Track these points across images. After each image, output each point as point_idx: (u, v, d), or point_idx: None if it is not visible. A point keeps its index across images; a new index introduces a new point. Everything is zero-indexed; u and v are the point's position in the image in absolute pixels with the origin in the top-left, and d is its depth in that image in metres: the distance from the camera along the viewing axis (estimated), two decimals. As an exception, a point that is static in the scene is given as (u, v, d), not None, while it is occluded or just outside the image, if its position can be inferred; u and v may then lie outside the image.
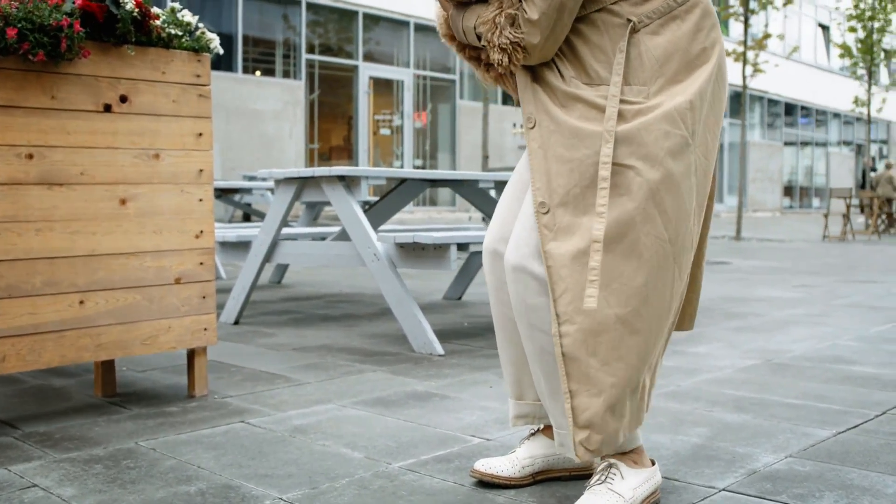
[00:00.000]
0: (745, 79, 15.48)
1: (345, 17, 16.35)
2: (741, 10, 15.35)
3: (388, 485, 2.05)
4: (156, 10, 2.73)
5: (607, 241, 1.73)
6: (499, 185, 5.09)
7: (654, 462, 1.96)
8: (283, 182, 4.43)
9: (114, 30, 2.60)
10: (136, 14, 2.62)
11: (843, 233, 15.02)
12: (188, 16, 2.79)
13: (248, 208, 8.91)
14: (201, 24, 2.88)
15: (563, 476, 2.09)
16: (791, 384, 3.13)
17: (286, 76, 15.43)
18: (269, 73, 15.29)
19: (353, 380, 3.21)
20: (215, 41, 2.87)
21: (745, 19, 15.28)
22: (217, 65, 13.82)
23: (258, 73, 15.09)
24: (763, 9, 15.67)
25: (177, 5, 2.81)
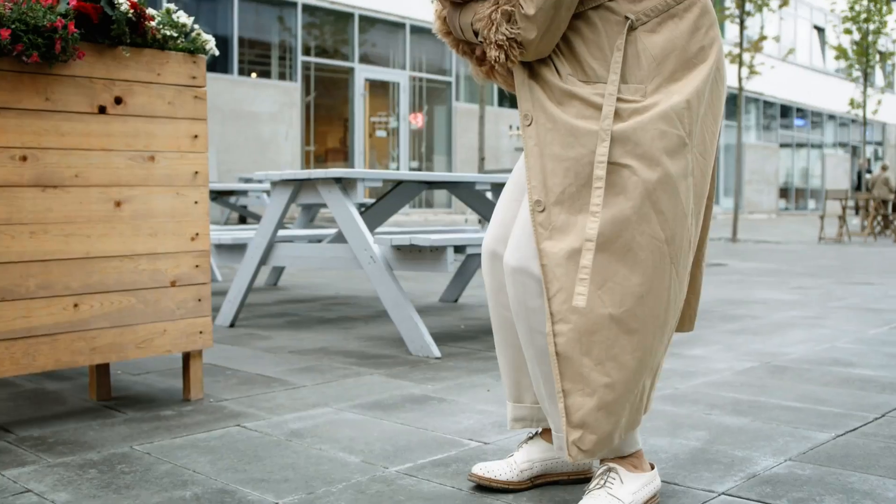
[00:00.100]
0: (740, 81, 15.50)
1: (341, 19, 16.34)
2: (737, 12, 15.37)
3: (385, 489, 2.03)
4: (151, 11, 2.71)
5: (602, 240, 1.72)
6: (495, 187, 5.08)
7: (653, 466, 1.95)
8: (279, 184, 4.42)
9: (108, 31, 2.58)
10: (130, 15, 2.60)
11: (839, 234, 15.04)
12: (183, 17, 2.78)
13: (244, 210, 8.90)
14: (197, 26, 2.86)
15: (561, 480, 2.07)
16: (790, 387, 3.12)
17: (282, 78, 15.42)
18: (264, 75, 15.27)
19: (349, 383, 3.20)
20: (211, 42, 2.85)
21: (741, 21, 15.30)
22: (213, 67, 13.80)
23: (254, 75, 15.07)
24: (759, 11, 15.69)
25: (172, 6, 2.79)
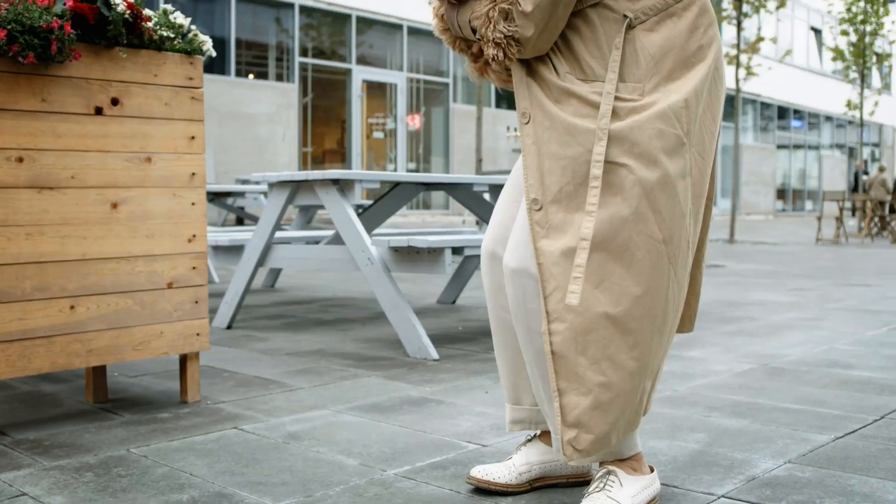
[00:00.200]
0: (738, 82, 15.50)
1: (338, 21, 16.33)
2: (734, 14, 15.37)
3: (383, 492, 2.02)
4: (148, 12, 2.70)
5: (599, 239, 1.72)
6: (493, 188, 5.07)
7: (652, 469, 1.94)
8: (276, 186, 4.40)
9: (105, 32, 2.57)
10: (127, 16, 2.59)
11: (837, 236, 15.05)
12: (180, 18, 2.77)
13: (241, 212, 8.88)
14: (193, 27, 2.85)
15: (560, 483, 2.06)
16: (788, 389, 3.12)
17: (279, 79, 15.41)
18: (262, 76, 15.26)
19: (347, 385, 3.19)
20: (208, 43, 2.84)
21: (738, 23, 15.30)
22: (210, 68, 13.79)
23: (251, 76, 15.06)
24: (756, 12, 15.70)
25: (169, 7, 2.78)
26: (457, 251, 3.86)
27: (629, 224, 1.72)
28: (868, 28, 21.33)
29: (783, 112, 28.86)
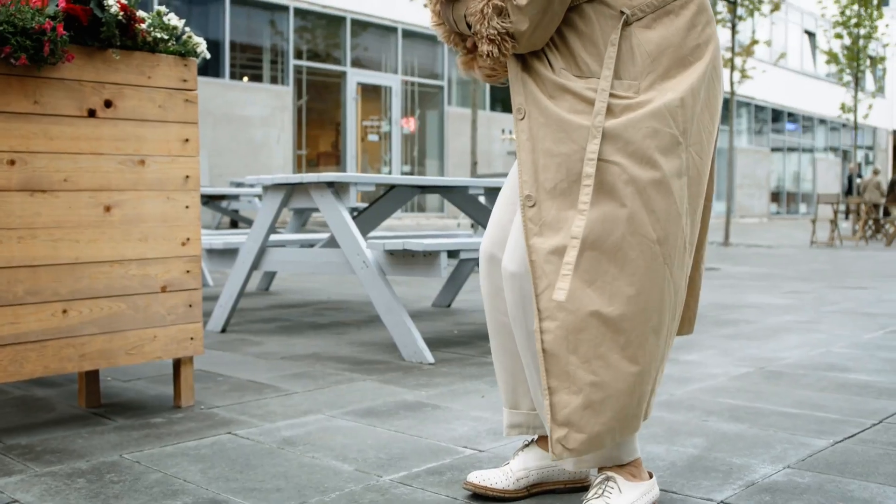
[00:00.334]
0: (732, 85, 15.53)
1: (333, 23, 16.31)
2: (728, 17, 15.40)
3: (379, 498, 2.00)
4: (141, 13, 2.68)
5: (592, 238, 1.70)
6: (488, 191, 5.05)
7: (651, 475, 1.92)
8: (271, 188, 4.38)
9: (98, 33, 2.55)
10: (120, 17, 2.57)
11: (831, 238, 15.06)
12: (174, 19, 2.74)
13: (236, 215, 8.85)
14: (188, 29, 2.83)
15: (558, 489, 2.04)
16: (786, 392, 3.10)
17: (274, 82, 15.38)
18: (256, 78, 15.23)
19: (342, 389, 3.16)
20: (202, 45, 2.82)
21: (733, 26, 15.33)
22: (204, 70, 13.75)
23: (246, 78, 15.03)
24: (750, 15, 15.73)
25: (163, 9, 2.76)
26: (452, 254, 3.84)
27: (622, 223, 1.71)
28: (862, 31, 21.38)
29: (777, 115, 28.90)
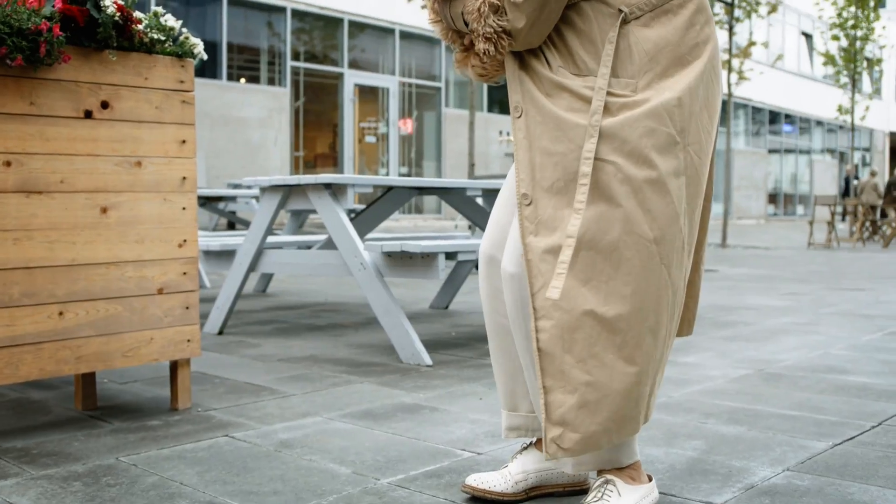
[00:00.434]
0: (729, 87, 15.53)
1: (330, 25, 16.29)
2: (726, 18, 15.41)
3: (376, 502, 1.99)
4: (138, 14, 2.66)
5: (587, 238, 1.69)
6: (486, 192, 5.04)
7: (651, 478, 1.91)
8: (268, 190, 4.37)
9: (95, 34, 2.54)
10: (117, 18, 2.56)
11: (828, 240, 15.07)
12: (171, 20, 2.73)
13: (233, 216, 8.83)
14: (185, 30, 2.82)
15: (557, 492, 2.03)
16: (785, 394, 3.09)
17: (271, 83, 15.36)
18: (253, 80, 15.21)
19: (339, 391, 3.15)
20: (199, 46, 2.81)
21: (730, 27, 15.34)
22: (201, 72, 13.74)
23: (243, 80, 15.01)
24: (747, 17, 15.74)
25: (160, 10, 2.75)
26: (450, 256, 3.83)
27: (618, 223, 1.70)
28: (859, 33, 21.39)
29: (775, 117, 28.92)
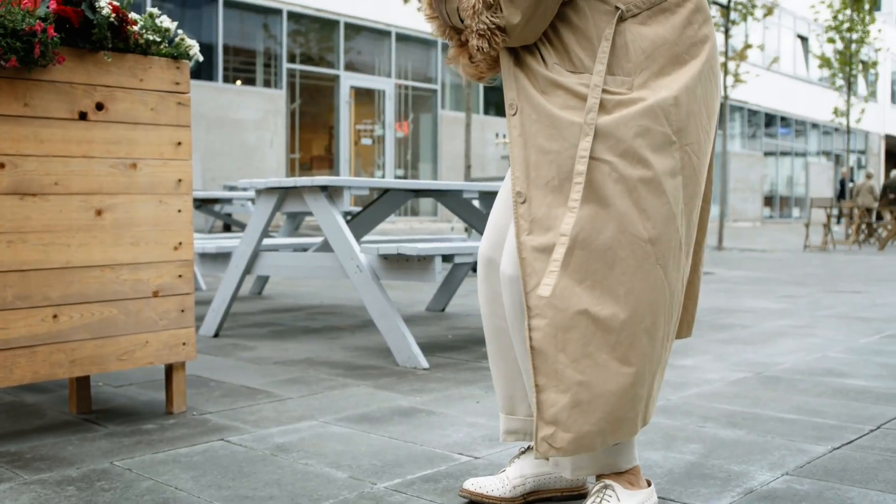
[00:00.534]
0: (726, 89, 15.54)
1: (326, 27, 16.28)
2: (722, 21, 15.43)
3: (374, 507, 1.97)
4: (133, 15, 2.65)
5: (582, 237, 1.68)
6: (483, 195, 5.03)
7: (650, 482, 1.90)
8: (264, 192, 4.36)
9: (90, 35, 2.52)
10: (112, 19, 2.54)
11: (824, 243, 15.08)
12: (167, 22, 2.72)
13: (229, 219, 8.81)
14: (180, 31, 2.80)
15: (555, 496, 2.02)
16: (783, 398, 3.08)
17: (267, 85, 15.34)
18: (249, 82, 15.19)
19: (336, 395, 3.13)
20: (195, 48, 2.79)
21: (726, 30, 15.35)
22: (197, 74, 13.71)
23: (239, 82, 14.99)
24: (743, 20, 15.76)
25: (155, 11, 2.73)
26: (447, 259, 3.82)
27: (612, 222, 1.68)
28: (854, 36, 21.44)
29: (770, 119, 28.95)
